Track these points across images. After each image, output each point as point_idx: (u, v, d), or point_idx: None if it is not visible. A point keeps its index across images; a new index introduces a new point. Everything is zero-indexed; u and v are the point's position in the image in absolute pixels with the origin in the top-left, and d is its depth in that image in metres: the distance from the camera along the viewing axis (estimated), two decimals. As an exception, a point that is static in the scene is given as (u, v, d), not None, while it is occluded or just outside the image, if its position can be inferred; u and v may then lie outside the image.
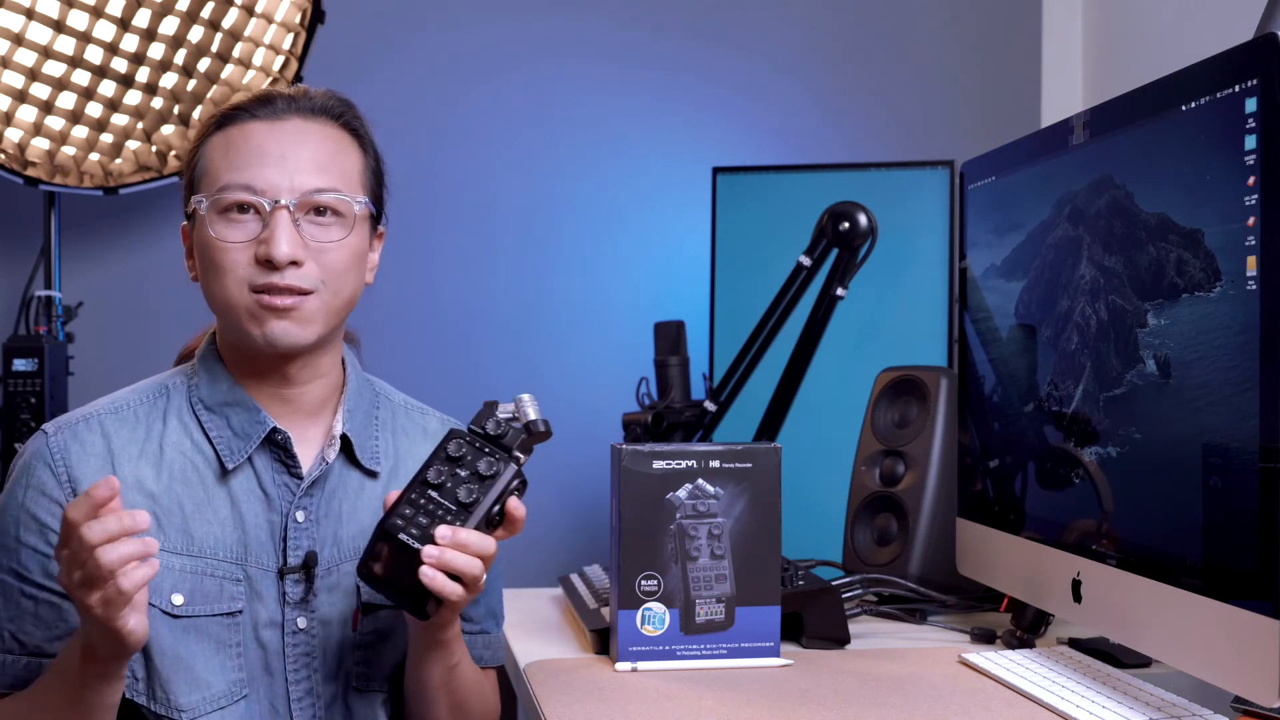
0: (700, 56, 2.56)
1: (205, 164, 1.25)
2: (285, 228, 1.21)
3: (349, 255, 1.25)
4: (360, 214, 1.26)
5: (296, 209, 1.22)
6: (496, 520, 1.19)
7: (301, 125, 1.26)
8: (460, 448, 1.20)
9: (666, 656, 1.42)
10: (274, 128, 1.24)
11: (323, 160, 1.25)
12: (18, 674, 1.20)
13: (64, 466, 1.21)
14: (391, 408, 1.39)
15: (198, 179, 1.26)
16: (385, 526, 1.16)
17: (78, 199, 2.31)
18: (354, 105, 1.31)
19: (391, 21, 2.47)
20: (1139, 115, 1.26)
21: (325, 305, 1.24)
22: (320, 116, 1.27)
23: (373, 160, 1.31)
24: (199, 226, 1.24)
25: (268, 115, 1.25)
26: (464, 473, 1.19)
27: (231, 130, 1.25)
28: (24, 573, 1.20)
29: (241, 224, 1.22)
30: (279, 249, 1.20)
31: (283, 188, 1.22)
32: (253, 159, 1.23)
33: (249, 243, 1.21)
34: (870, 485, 1.82)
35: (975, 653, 1.45)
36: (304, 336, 1.23)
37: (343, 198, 1.25)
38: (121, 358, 2.31)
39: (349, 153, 1.28)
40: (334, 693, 1.28)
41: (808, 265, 1.84)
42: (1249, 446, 1.07)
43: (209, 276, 1.24)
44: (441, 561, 1.14)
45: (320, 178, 1.24)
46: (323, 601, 1.27)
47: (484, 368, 2.51)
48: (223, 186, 1.22)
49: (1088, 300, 1.34)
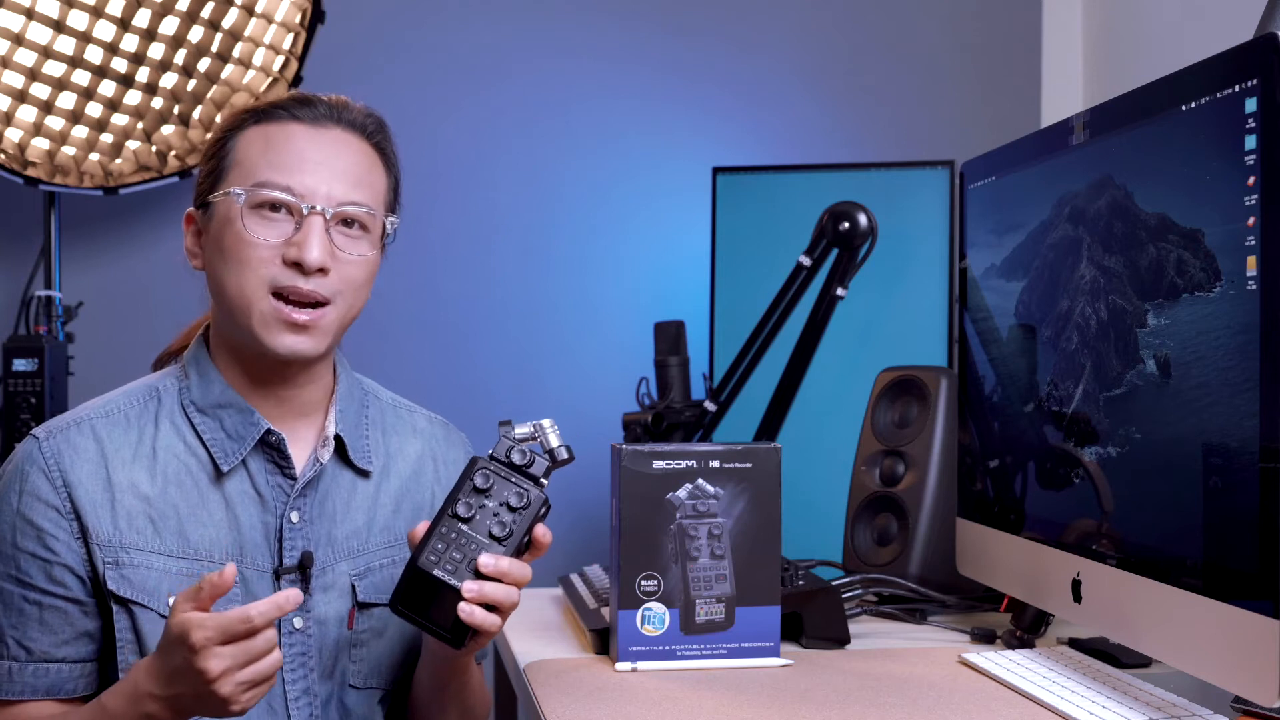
0: (700, 56, 2.56)
1: (239, 155, 1.25)
2: (319, 234, 1.21)
3: (368, 270, 1.27)
4: (383, 232, 1.28)
5: (331, 218, 1.23)
6: (524, 548, 1.19)
7: (342, 136, 1.27)
8: (488, 479, 1.19)
9: (666, 656, 1.42)
10: (316, 134, 1.25)
11: (359, 175, 1.26)
12: (26, 681, 1.20)
13: (58, 471, 1.21)
14: (380, 406, 1.39)
15: (227, 168, 1.25)
16: (420, 564, 1.14)
17: (78, 199, 2.31)
18: (387, 126, 1.33)
19: (391, 21, 2.47)
20: (1139, 115, 1.26)
21: (339, 318, 1.25)
22: (358, 132, 1.28)
23: (394, 182, 1.33)
24: (225, 217, 1.23)
25: (310, 119, 1.26)
26: (493, 504, 1.18)
27: (271, 127, 1.25)
28: (25, 579, 1.20)
29: (274, 223, 1.22)
30: (311, 253, 1.20)
31: (320, 194, 1.22)
32: (294, 161, 1.23)
33: (278, 243, 1.21)
34: (870, 485, 1.82)
35: (975, 653, 1.45)
36: (315, 349, 1.24)
37: (372, 213, 1.26)
38: (121, 358, 2.30)
39: (379, 172, 1.30)
40: (330, 691, 1.28)
41: (808, 265, 1.85)
42: (1249, 446, 1.07)
43: (228, 268, 1.23)
44: (481, 595, 1.14)
45: (356, 191, 1.25)
46: (318, 601, 1.27)
47: (484, 368, 2.51)
48: (261, 182, 1.22)
49: (1088, 300, 1.34)
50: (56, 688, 1.21)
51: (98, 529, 1.20)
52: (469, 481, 1.18)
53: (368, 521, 1.32)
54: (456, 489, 1.18)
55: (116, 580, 1.20)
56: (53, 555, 1.20)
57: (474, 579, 1.14)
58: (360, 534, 1.31)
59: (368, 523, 1.32)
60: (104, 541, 1.20)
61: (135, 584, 1.20)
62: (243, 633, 1.04)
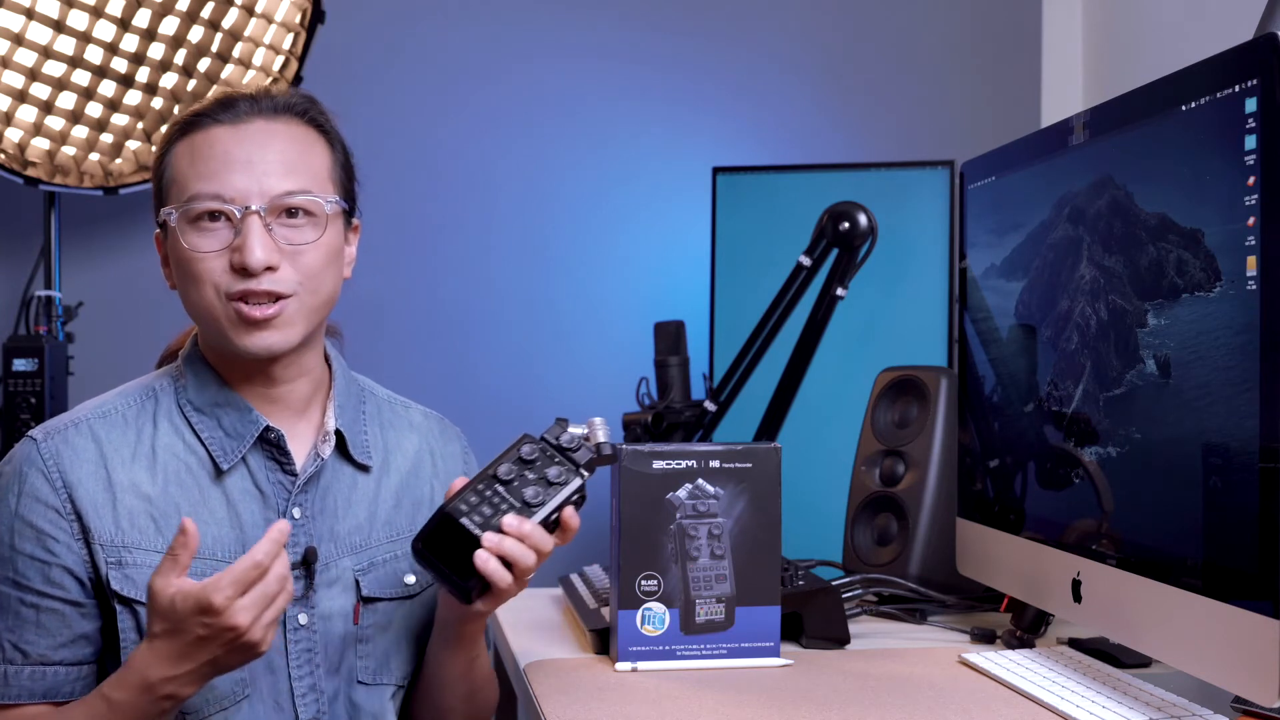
0: (700, 56, 2.56)
1: (172, 173, 1.24)
2: (258, 234, 1.20)
3: (324, 255, 1.25)
4: (332, 213, 1.25)
5: (268, 213, 1.21)
6: (552, 526, 1.23)
7: (265, 127, 1.24)
8: (534, 452, 1.24)
9: (666, 656, 1.42)
10: (238, 131, 1.23)
11: (290, 161, 1.23)
12: (23, 684, 1.20)
13: (58, 472, 1.21)
14: (377, 402, 1.39)
15: (166, 188, 1.25)
16: (448, 510, 1.20)
17: (78, 199, 2.31)
18: (317, 101, 1.30)
19: (391, 21, 2.47)
20: (1139, 115, 1.25)
21: (304, 306, 1.23)
22: (284, 115, 1.25)
23: (341, 154, 1.30)
24: (171, 237, 1.24)
25: (230, 119, 1.23)
26: (533, 475, 1.23)
27: (196, 137, 1.23)
28: (23, 581, 1.20)
29: (213, 232, 1.21)
30: (253, 256, 1.19)
31: (252, 193, 1.21)
32: (219, 166, 1.21)
33: (222, 251, 1.20)
34: (870, 485, 1.82)
35: (975, 653, 1.45)
36: (286, 341, 1.23)
37: (313, 198, 1.23)
38: (121, 358, 2.30)
39: (316, 150, 1.27)
40: (337, 687, 1.28)
41: (808, 265, 1.84)
42: (1249, 446, 1.07)
43: (185, 286, 1.24)
44: (499, 548, 1.17)
45: (289, 180, 1.22)
46: (322, 597, 1.27)
47: (484, 367, 2.51)
48: (191, 196, 1.21)
49: (1088, 300, 1.34)
50: (54, 690, 1.20)
51: (100, 529, 1.20)
52: (516, 451, 1.24)
53: (369, 516, 1.32)
54: (504, 455, 1.24)
55: (120, 580, 1.20)
56: (51, 557, 1.19)
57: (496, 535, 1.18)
58: (363, 529, 1.31)
59: (369, 518, 1.32)
60: (106, 542, 1.20)
61: (139, 583, 1.20)
62: (256, 578, 1.07)
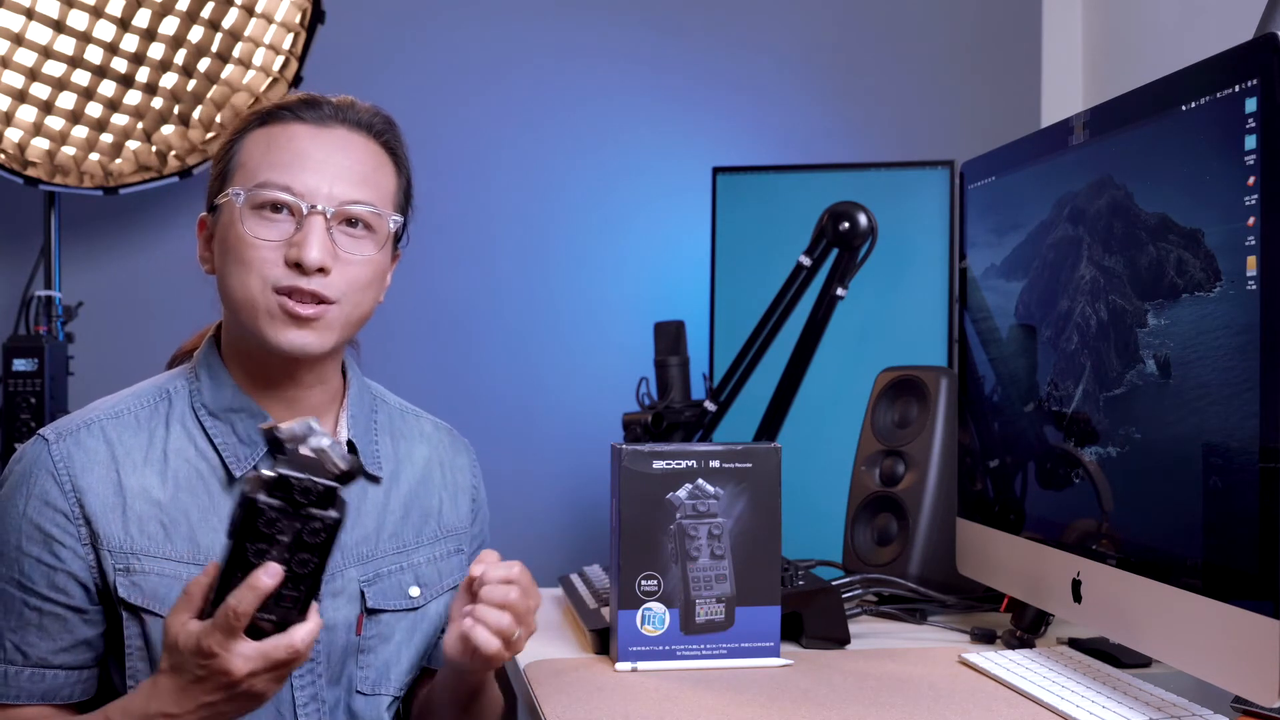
0: (700, 56, 2.56)
1: (243, 157, 1.25)
2: (319, 233, 1.20)
3: (373, 270, 1.26)
4: (390, 231, 1.27)
5: (332, 217, 1.22)
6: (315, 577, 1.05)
7: (346, 135, 1.26)
8: (272, 516, 1.01)
9: (666, 656, 1.42)
10: (319, 133, 1.24)
11: (364, 173, 1.25)
12: (22, 685, 1.19)
13: (68, 476, 1.20)
14: (389, 411, 1.39)
15: (232, 171, 1.25)
16: (257, 623, 1.02)
17: (78, 199, 2.31)
18: (396, 125, 1.31)
19: (392, 22, 2.47)
20: (1139, 115, 1.26)
21: (344, 315, 1.24)
22: (364, 130, 1.27)
23: (405, 182, 1.32)
24: (228, 219, 1.23)
25: (314, 119, 1.25)
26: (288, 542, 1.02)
27: (274, 128, 1.25)
28: (28, 583, 1.19)
29: (275, 223, 1.21)
30: (310, 253, 1.19)
31: (321, 194, 1.21)
32: (294, 160, 1.22)
33: (279, 243, 1.21)
34: (870, 485, 1.82)
35: (975, 653, 1.45)
36: (321, 344, 1.23)
37: (377, 212, 1.25)
38: (121, 358, 2.31)
39: (386, 171, 1.28)
40: (338, 698, 1.28)
41: (808, 265, 1.84)
42: (1249, 446, 1.07)
43: (231, 270, 1.22)
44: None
45: (359, 190, 1.24)
46: (327, 607, 1.27)
47: (484, 368, 2.51)
48: (261, 183, 1.21)
49: (1088, 300, 1.34)
50: (53, 693, 1.20)
51: (108, 535, 1.19)
52: (253, 523, 1.02)
53: (377, 527, 1.32)
54: (240, 537, 1.02)
55: (127, 587, 1.19)
56: (58, 562, 1.19)
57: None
58: (370, 540, 1.31)
59: (377, 528, 1.32)
60: (115, 548, 1.19)
61: (146, 591, 1.19)
62: (285, 660, 1.04)
